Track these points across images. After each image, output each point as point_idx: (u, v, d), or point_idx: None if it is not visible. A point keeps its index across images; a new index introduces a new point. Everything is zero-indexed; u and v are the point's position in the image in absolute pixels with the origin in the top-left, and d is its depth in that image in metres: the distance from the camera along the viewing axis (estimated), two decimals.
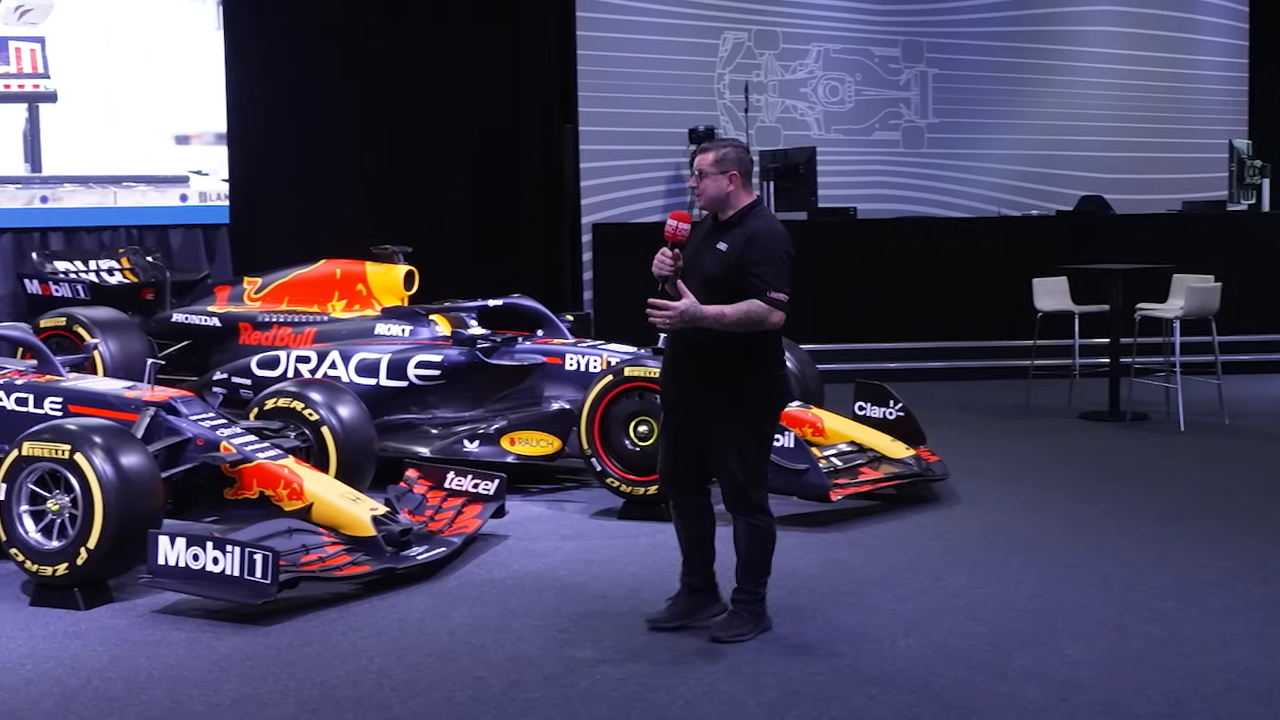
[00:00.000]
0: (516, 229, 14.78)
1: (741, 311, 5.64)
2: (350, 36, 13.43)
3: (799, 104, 17.03)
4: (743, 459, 5.85)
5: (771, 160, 15.28)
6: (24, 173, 11.52)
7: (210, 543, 6.23)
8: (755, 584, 6.02)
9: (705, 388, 5.81)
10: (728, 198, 5.88)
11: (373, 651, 5.90)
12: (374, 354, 9.26)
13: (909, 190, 17.25)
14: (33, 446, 6.52)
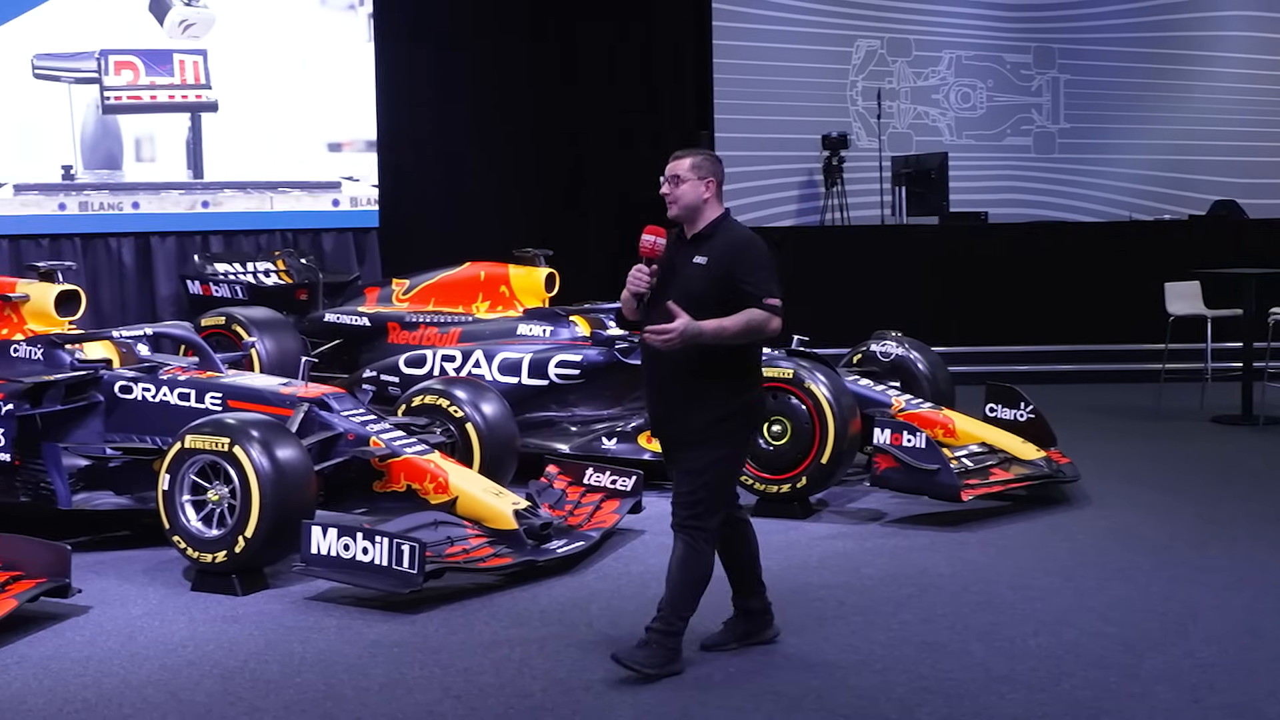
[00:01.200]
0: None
1: (742, 322, 5.28)
2: (494, 48, 13.54)
3: (931, 110, 16.86)
4: (707, 476, 5.41)
5: (904, 166, 15.15)
6: (187, 179, 11.77)
7: (360, 533, 6.31)
8: (676, 615, 5.46)
9: (686, 408, 5.40)
10: (702, 207, 5.47)
11: (514, 640, 5.94)
12: (516, 353, 9.33)
13: (1040, 195, 16.99)
14: (194, 439, 6.66)
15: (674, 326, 5.17)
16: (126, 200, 11.41)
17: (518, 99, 13.73)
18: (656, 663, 5.40)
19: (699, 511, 5.42)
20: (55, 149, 11.10)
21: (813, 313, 12.07)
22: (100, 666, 5.66)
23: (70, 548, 6.30)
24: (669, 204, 5.50)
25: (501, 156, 13.62)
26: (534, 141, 13.84)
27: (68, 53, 11.15)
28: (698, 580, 5.46)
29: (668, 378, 5.43)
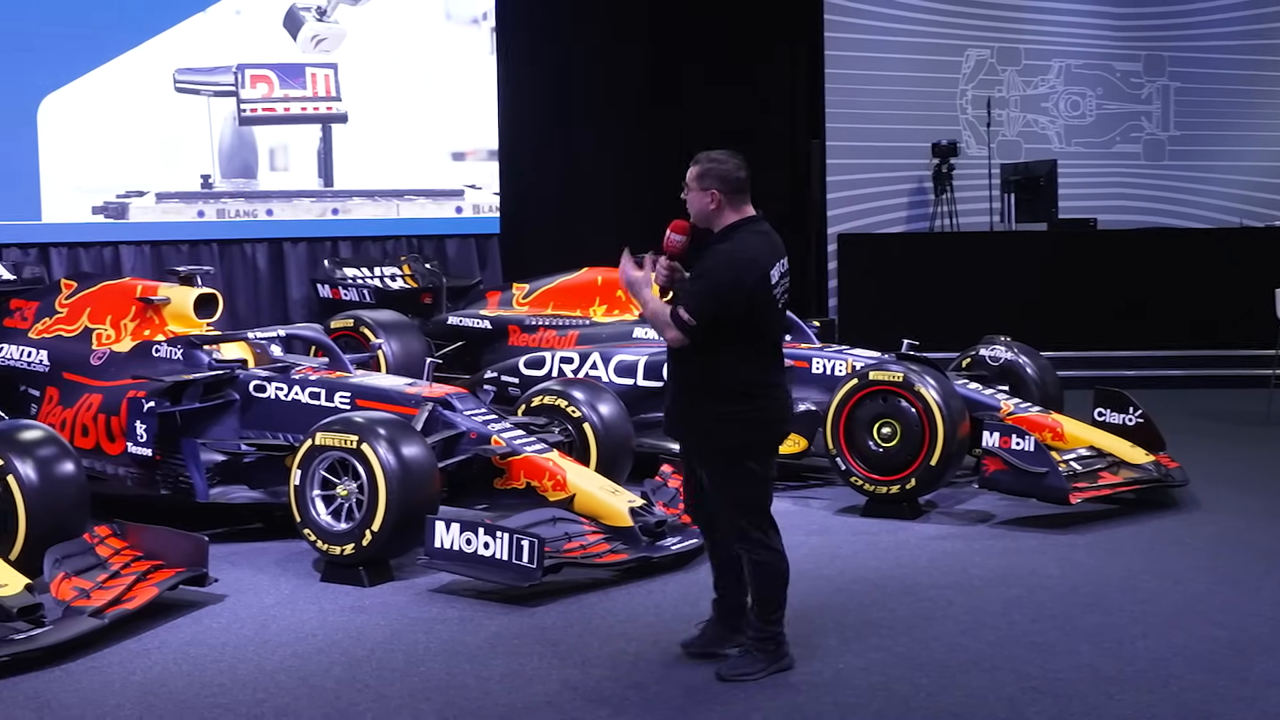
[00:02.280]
0: None
1: (653, 309, 5.30)
2: (610, 60, 13.58)
3: (1040, 118, 16.64)
4: (734, 494, 5.35)
5: (1012, 173, 14.98)
6: (318, 187, 11.94)
7: (482, 529, 6.36)
8: (764, 621, 5.42)
9: (690, 423, 5.39)
10: (712, 215, 5.36)
11: (630, 635, 5.95)
12: (632, 356, 9.35)
13: (1150, 201, 16.69)
14: (324, 437, 6.75)
15: (629, 269, 5.34)
16: (261, 208, 11.60)
17: (633, 109, 13.75)
18: (760, 667, 5.36)
19: (744, 532, 5.35)
20: (195, 159, 11.33)
21: (922, 317, 12.02)
22: (235, 653, 5.75)
23: (208, 539, 6.42)
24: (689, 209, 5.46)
25: (617, 165, 13.64)
26: (649, 150, 13.85)
27: (207, 67, 11.36)
28: (773, 584, 5.39)
29: (678, 390, 5.43)
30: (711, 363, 5.28)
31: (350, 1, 11.98)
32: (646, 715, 5.07)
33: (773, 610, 5.40)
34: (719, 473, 5.37)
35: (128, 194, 11.02)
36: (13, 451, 6.43)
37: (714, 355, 5.26)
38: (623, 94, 13.66)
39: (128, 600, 6.01)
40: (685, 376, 5.37)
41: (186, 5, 11.23)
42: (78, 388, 8.11)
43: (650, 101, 13.86)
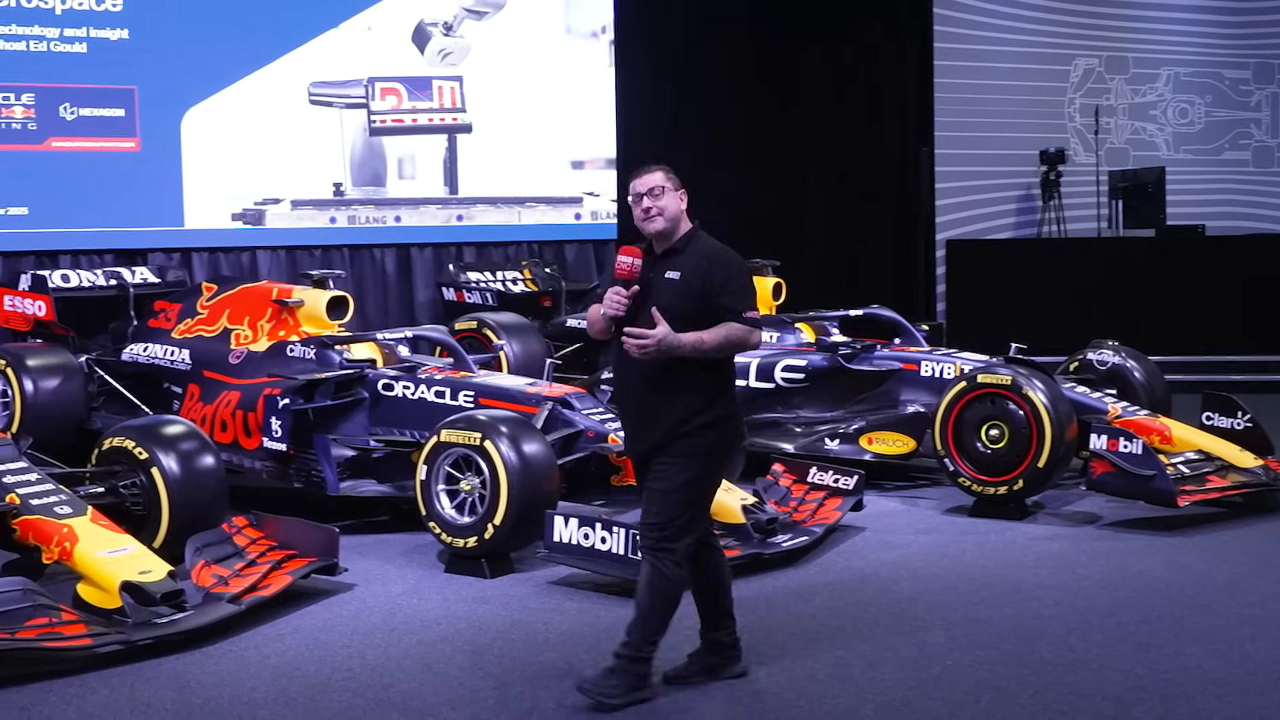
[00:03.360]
0: (875, 245, 14.65)
1: (721, 336, 4.83)
2: (724, 71, 13.55)
3: (1148, 126, 16.33)
4: (675, 497, 4.90)
5: (1121, 180, 14.72)
6: (443, 195, 12.04)
7: (599, 523, 6.37)
8: (643, 640, 4.97)
9: (655, 425, 4.92)
10: (678, 218, 5.03)
11: (742, 628, 5.87)
12: (744, 358, 9.30)
13: (1259, 208, 16.30)
14: (449, 434, 6.81)
15: (654, 334, 4.76)
16: (389, 214, 11.73)
17: (746, 118, 13.71)
18: (622, 690, 4.95)
19: (668, 534, 4.92)
20: (327, 168, 11.49)
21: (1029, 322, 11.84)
22: (364, 639, 5.82)
23: (338, 530, 6.51)
24: (651, 218, 4.99)
25: (730, 173, 13.60)
26: (761, 158, 13.80)
27: (339, 81, 11.51)
28: (665, 604, 4.96)
29: (640, 394, 4.97)
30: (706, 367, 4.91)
31: (475, 17, 12.08)
32: (758, 706, 5.05)
33: (655, 631, 4.98)
34: (676, 474, 4.90)
35: (264, 201, 11.21)
36: (157, 446, 6.57)
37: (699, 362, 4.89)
38: (736, 105, 13.62)
39: (263, 587, 6.12)
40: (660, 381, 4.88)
41: (320, 22, 11.40)
42: (217, 385, 8.27)
43: (762, 111, 13.80)
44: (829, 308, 9.98)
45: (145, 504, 6.51)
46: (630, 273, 4.91)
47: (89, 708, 5.01)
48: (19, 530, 5.94)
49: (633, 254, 4.93)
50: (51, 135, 10.30)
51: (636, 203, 5.03)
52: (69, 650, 5.41)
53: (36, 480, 6.13)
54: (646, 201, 5.00)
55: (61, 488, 6.16)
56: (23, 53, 10.20)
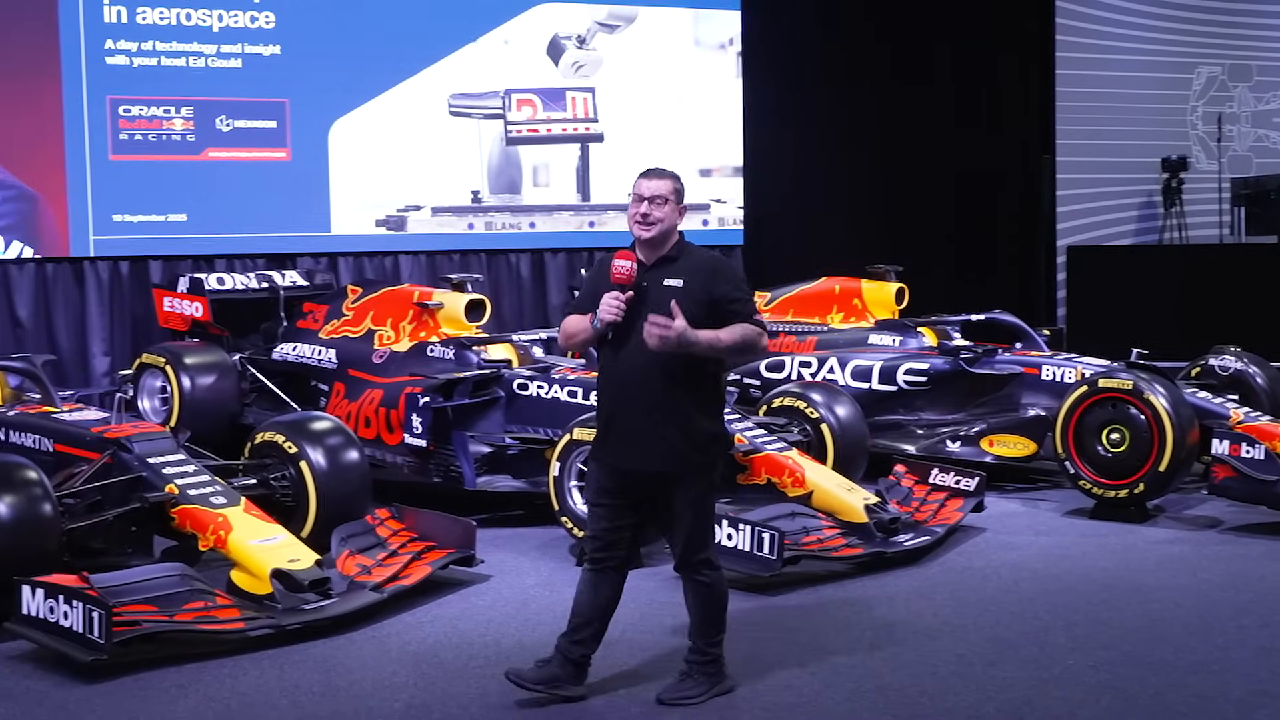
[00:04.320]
0: (997, 251, 14.43)
1: (737, 335, 4.71)
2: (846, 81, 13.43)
3: (1271, 133, 15.86)
4: (698, 511, 4.86)
5: (1243, 187, 14.34)
6: (576, 202, 12.10)
7: (725, 521, 6.36)
8: (708, 643, 5.01)
9: (665, 438, 4.73)
10: (672, 229, 4.86)
11: (864, 624, 5.88)
12: (868, 361, 9.24)
13: None
14: (581, 432, 6.84)
15: (676, 324, 4.59)
16: (524, 220, 11.82)
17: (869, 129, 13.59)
18: (703, 689, 4.97)
19: (703, 555, 4.92)
20: (466, 176, 11.60)
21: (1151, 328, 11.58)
22: (499, 628, 5.87)
23: (475, 523, 6.58)
24: (648, 224, 4.80)
25: (855, 180, 13.50)
26: (885, 165, 13.67)
27: (477, 93, 11.62)
28: (717, 606, 5.01)
29: (641, 411, 4.76)
30: (699, 375, 4.78)
31: (608, 30, 12.12)
32: (881, 700, 5.00)
33: (715, 632, 5.01)
34: (698, 496, 4.84)
35: (406, 208, 11.36)
36: (306, 440, 6.69)
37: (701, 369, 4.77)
38: (859, 115, 13.50)
39: (404, 577, 6.20)
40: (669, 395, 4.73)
41: (460, 36, 11.51)
42: (361, 383, 8.40)
43: (884, 121, 13.67)
44: (951, 312, 9.86)
45: (294, 495, 6.63)
46: (628, 277, 4.74)
47: (241, 687, 5.12)
48: (177, 519, 6.09)
49: (630, 259, 4.78)
50: (209, 146, 10.54)
51: (638, 204, 4.85)
52: (223, 633, 5.53)
53: (194, 472, 6.27)
54: (646, 207, 4.82)
55: (217, 479, 6.30)
56: (183, 69, 10.46)
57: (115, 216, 10.28)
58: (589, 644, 5.01)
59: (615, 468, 4.87)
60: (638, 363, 4.74)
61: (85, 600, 5.18)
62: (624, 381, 4.80)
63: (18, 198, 9.96)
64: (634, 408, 4.78)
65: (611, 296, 4.73)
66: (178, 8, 10.41)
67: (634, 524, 4.96)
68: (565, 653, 4.98)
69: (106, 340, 10.25)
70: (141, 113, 10.32)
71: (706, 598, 4.98)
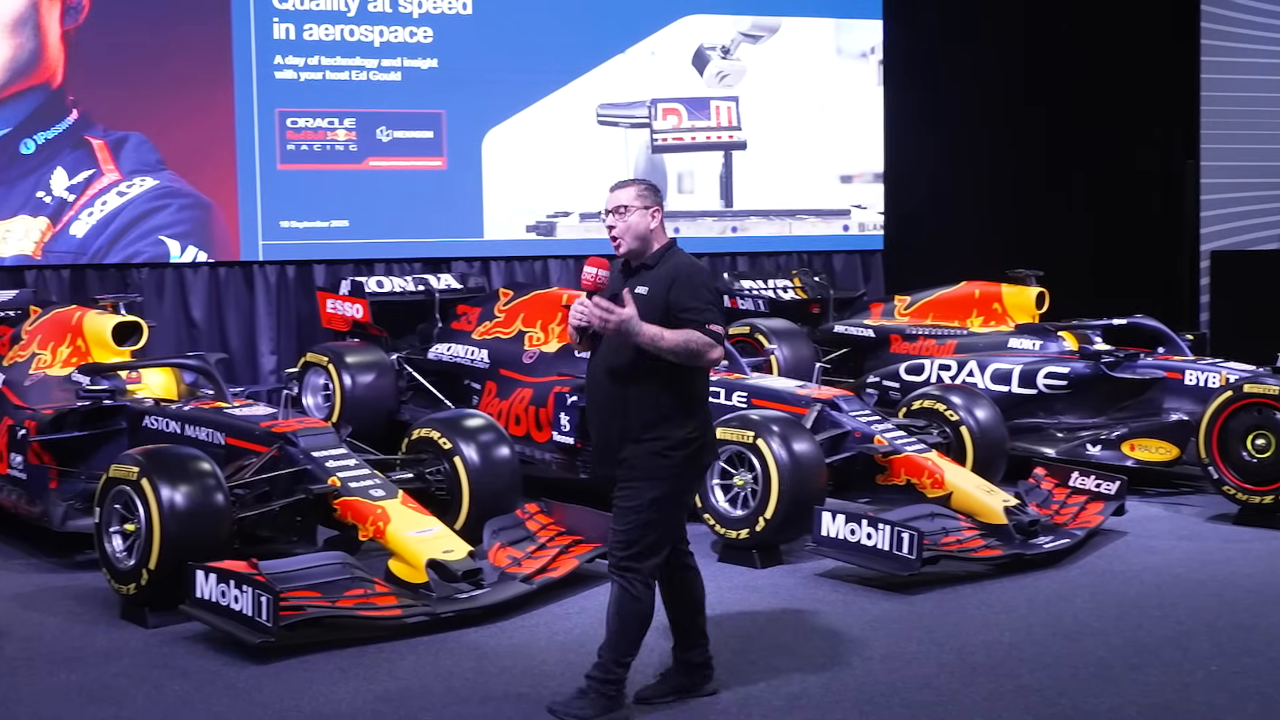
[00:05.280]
0: (1140, 255, 14.07)
1: (680, 338, 4.47)
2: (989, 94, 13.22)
3: None
4: (644, 516, 4.56)
5: None
6: (719, 208, 12.10)
7: (865, 520, 6.31)
8: (615, 661, 4.66)
9: (624, 443, 4.57)
10: (650, 237, 4.64)
11: (1003, 625, 5.77)
12: (1007, 364, 9.08)
13: None
14: (724, 432, 6.82)
15: (621, 310, 4.43)
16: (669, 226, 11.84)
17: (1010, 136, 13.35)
18: (593, 712, 4.64)
19: (635, 553, 4.59)
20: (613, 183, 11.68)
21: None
22: None
23: None
24: (616, 237, 4.65)
25: (995, 185, 13.28)
26: (1025, 169, 13.43)
27: (625, 102, 11.69)
28: (635, 624, 4.64)
29: (609, 411, 4.63)
30: (677, 382, 4.58)
31: (751, 41, 12.10)
32: (1020, 701, 4.90)
33: (625, 652, 4.68)
34: (642, 494, 4.57)
35: (555, 214, 11.47)
36: (459, 437, 6.79)
37: (678, 373, 4.57)
38: (1000, 123, 13.28)
39: (552, 569, 6.26)
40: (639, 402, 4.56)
41: (608, 48, 11.59)
42: (512, 383, 8.50)
43: (1026, 129, 13.42)
44: (1092, 317, 9.64)
45: (448, 489, 6.73)
46: (594, 284, 4.52)
47: (398, 671, 5.21)
48: (339, 510, 6.21)
49: (599, 265, 4.54)
50: (370, 155, 10.77)
51: (605, 220, 4.71)
52: (381, 619, 5.64)
53: (354, 465, 6.39)
54: (610, 219, 4.67)
55: (376, 473, 6.40)
56: (346, 82, 10.70)
57: (282, 223, 10.56)
58: (688, 643, 4.90)
59: (599, 476, 4.75)
60: (606, 367, 4.61)
61: (254, 585, 5.32)
62: (594, 385, 4.71)
63: (193, 205, 10.28)
64: (603, 412, 4.66)
65: (579, 302, 4.55)
66: (342, 24, 10.66)
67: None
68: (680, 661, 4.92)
69: (274, 340, 10.54)
70: (307, 124, 10.59)
71: (624, 609, 4.62)
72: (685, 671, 4.92)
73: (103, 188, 10.01)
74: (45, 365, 7.64)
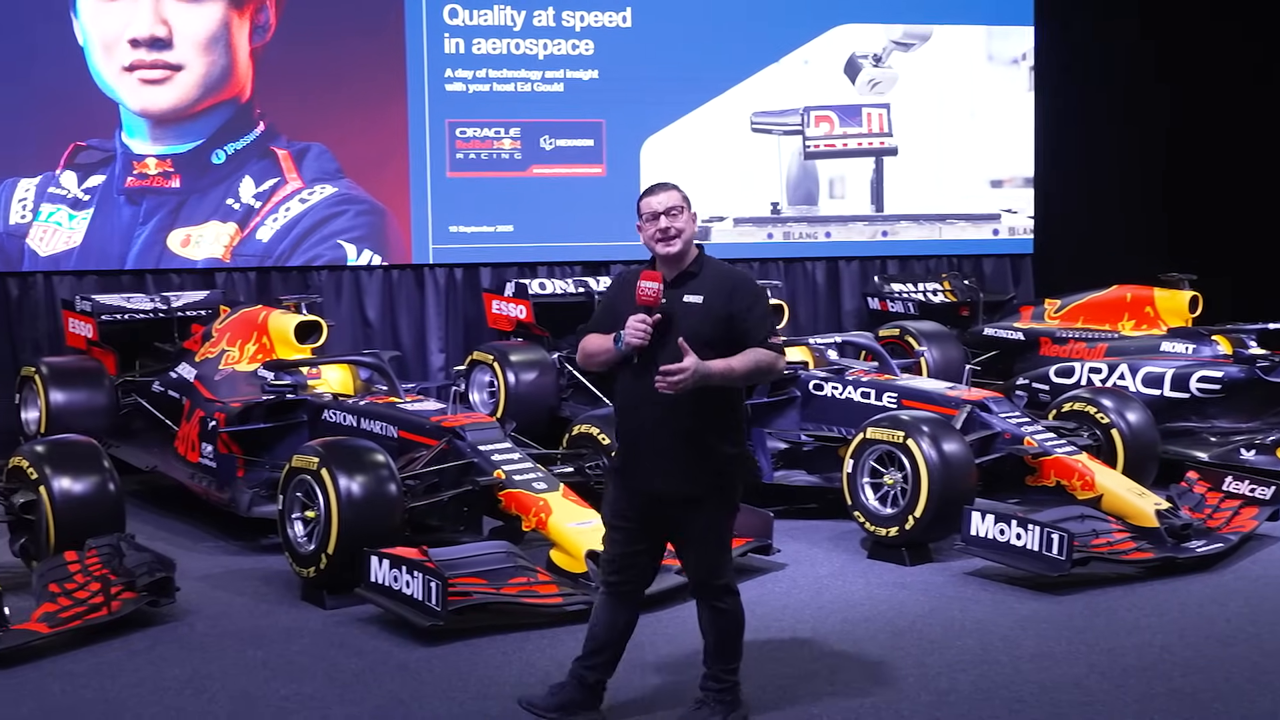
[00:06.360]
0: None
1: (750, 362, 4.27)
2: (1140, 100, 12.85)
3: None
4: (719, 536, 4.47)
5: None
6: (870, 212, 11.97)
7: (1014, 520, 6.19)
8: (725, 670, 4.58)
9: (689, 461, 4.33)
10: (690, 241, 4.41)
11: (1154, 628, 5.61)
12: (1159, 368, 8.81)
13: None
14: (874, 431, 6.77)
15: (685, 366, 4.14)
16: (820, 230, 11.76)
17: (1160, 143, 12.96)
18: (720, 717, 4.54)
19: (724, 581, 4.49)
20: (766, 189, 11.63)
21: None
22: (794, 614, 5.86)
23: (772, 515, 6.58)
24: (671, 239, 4.36)
25: (1146, 189, 12.90)
26: (1177, 173, 13.02)
27: (778, 110, 11.63)
28: (735, 633, 4.57)
29: (659, 433, 4.35)
30: (722, 399, 4.37)
31: (903, 49, 11.94)
32: (1173, 704, 4.76)
33: (734, 658, 4.59)
34: (718, 520, 4.45)
35: (710, 219, 11.47)
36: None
37: (726, 392, 4.37)
38: (1151, 129, 12.89)
39: None
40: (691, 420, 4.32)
41: (762, 58, 11.55)
42: None
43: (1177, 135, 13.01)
44: (1247, 320, 9.30)
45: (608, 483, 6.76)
46: (655, 299, 4.25)
47: (559, 656, 5.25)
48: (504, 501, 6.30)
49: (655, 279, 4.27)
50: (533, 163, 10.90)
51: (653, 221, 4.39)
52: (543, 607, 5.71)
53: (519, 459, 6.48)
54: (664, 221, 4.36)
55: (538, 466, 6.48)
56: (512, 93, 10.85)
57: (451, 227, 10.75)
58: (604, 669, 4.63)
59: (636, 490, 4.48)
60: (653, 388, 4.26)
61: (425, 572, 5.43)
62: (646, 404, 4.35)
63: (368, 211, 10.52)
64: (655, 430, 4.36)
65: (638, 319, 4.25)
66: (509, 39, 10.81)
67: (650, 549, 4.54)
68: (580, 677, 4.62)
69: (442, 339, 10.74)
70: (475, 134, 10.76)
71: (725, 625, 4.55)
72: (578, 688, 4.64)
73: (286, 195, 10.31)
74: (233, 361, 7.91)
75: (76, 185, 9.82)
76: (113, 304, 9.05)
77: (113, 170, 9.88)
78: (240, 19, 10.11)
